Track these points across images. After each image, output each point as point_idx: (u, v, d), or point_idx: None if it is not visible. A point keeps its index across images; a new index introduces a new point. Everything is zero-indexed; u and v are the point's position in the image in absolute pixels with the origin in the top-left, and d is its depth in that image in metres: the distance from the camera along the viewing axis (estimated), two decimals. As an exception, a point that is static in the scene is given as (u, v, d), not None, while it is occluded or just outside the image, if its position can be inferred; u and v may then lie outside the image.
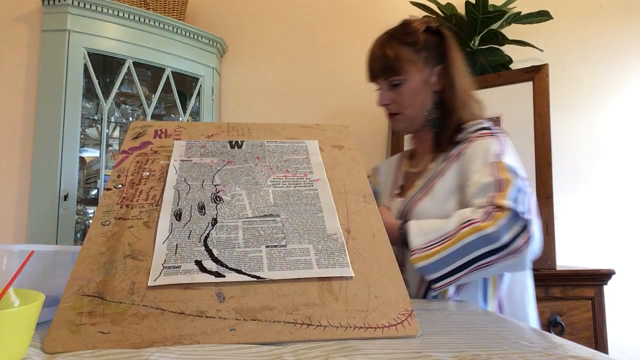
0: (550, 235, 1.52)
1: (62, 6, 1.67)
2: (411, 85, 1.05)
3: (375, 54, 1.07)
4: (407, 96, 1.05)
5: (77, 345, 0.45)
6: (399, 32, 1.08)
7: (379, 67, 1.06)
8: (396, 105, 1.07)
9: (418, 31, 1.07)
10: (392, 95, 1.06)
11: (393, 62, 1.04)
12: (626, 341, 1.78)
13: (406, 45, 1.05)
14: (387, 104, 1.07)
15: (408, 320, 0.52)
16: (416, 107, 1.07)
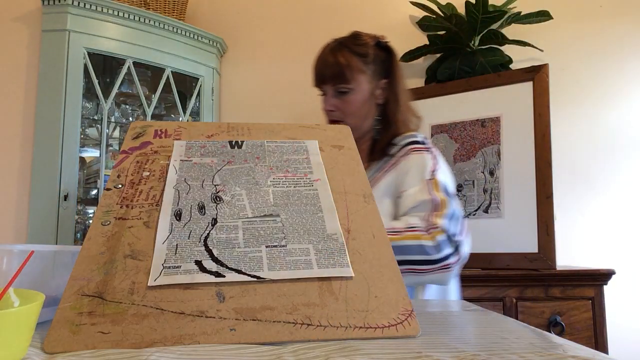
0: (550, 235, 1.52)
1: (62, 6, 1.67)
2: (358, 95, 1.08)
3: (327, 60, 1.09)
4: (352, 105, 1.08)
5: (77, 345, 0.45)
6: (351, 42, 1.11)
7: (330, 73, 1.08)
8: (340, 112, 1.09)
9: (369, 44, 1.11)
10: (337, 103, 1.09)
11: (344, 70, 1.07)
12: (626, 341, 1.78)
13: (357, 56, 1.09)
14: (331, 111, 1.10)
15: (408, 320, 0.52)
16: (359, 116, 1.10)
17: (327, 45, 1.13)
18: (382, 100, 1.12)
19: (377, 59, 1.11)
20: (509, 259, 1.56)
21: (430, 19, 1.94)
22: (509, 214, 1.62)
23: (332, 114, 1.10)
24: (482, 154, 1.73)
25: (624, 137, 1.94)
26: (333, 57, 1.09)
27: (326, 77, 1.09)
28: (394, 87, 1.12)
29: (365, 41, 1.11)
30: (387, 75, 1.12)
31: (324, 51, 1.12)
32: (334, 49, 1.10)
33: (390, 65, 1.13)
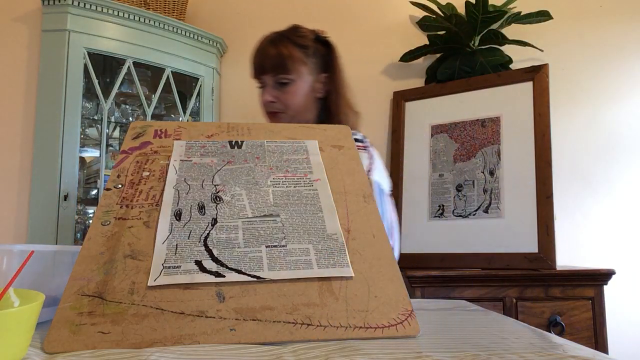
0: (550, 235, 1.52)
1: (62, 6, 1.67)
2: (298, 87, 1.09)
3: (267, 51, 1.08)
4: (293, 96, 1.08)
5: (77, 345, 0.45)
6: (291, 34, 1.11)
7: (271, 64, 1.07)
8: (281, 104, 1.09)
9: (308, 37, 1.12)
10: (278, 94, 1.08)
11: (286, 61, 1.07)
12: (626, 341, 1.78)
13: (298, 47, 1.09)
14: (271, 102, 1.09)
15: (408, 320, 0.52)
16: (299, 108, 1.10)
17: (266, 37, 1.12)
18: (322, 94, 1.13)
19: (317, 52, 1.12)
20: (509, 259, 1.56)
21: (430, 19, 1.94)
22: (509, 214, 1.62)
23: (273, 105, 1.09)
24: (482, 154, 1.73)
25: (624, 137, 1.94)
26: (274, 48, 1.08)
27: (267, 67, 1.08)
28: (334, 81, 1.13)
29: (305, 34, 1.12)
30: (326, 70, 1.13)
31: (263, 42, 1.11)
32: (274, 40, 1.09)
33: (330, 59, 1.14)
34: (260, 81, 1.11)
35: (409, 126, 1.90)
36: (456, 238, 1.67)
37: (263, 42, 1.11)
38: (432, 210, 1.76)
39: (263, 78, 1.10)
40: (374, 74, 2.03)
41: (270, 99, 1.09)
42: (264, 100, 1.09)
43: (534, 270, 1.50)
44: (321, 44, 1.14)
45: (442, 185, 1.77)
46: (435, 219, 1.74)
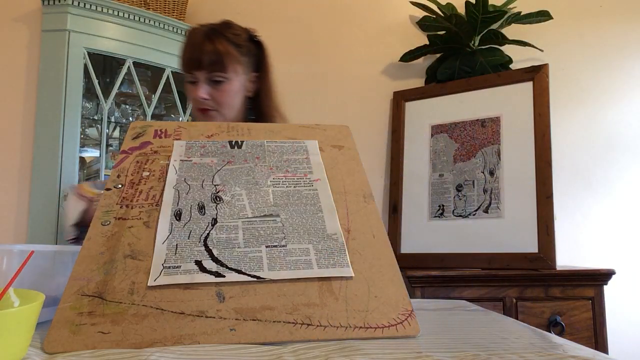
0: (550, 235, 1.52)
1: (62, 6, 1.67)
2: (232, 85, 1.08)
3: (204, 46, 1.05)
4: (227, 95, 1.07)
5: (77, 345, 0.45)
6: (226, 30, 1.09)
7: (208, 60, 1.04)
8: (214, 102, 1.07)
9: (242, 36, 1.11)
10: (211, 91, 1.06)
11: (223, 58, 1.05)
12: (626, 341, 1.78)
13: (234, 45, 1.08)
14: (206, 99, 1.06)
15: (408, 320, 0.52)
16: (232, 107, 1.09)
17: (198, 30, 1.09)
18: (252, 93, 1.13)
19: (250, 51, 1.11)
20: (509, 259, 1.56)
21: (430, 19, 1.94)
22: (509, 214, 1.62)
23: (206, 103, 1.07)
24: (482, 154, 1.73)
25: (624, 137, 1.94)
26: (211, 44, 1.05)
27: (203, 63, 1.05)
28: (265, 81, 1.14)
29: (239, 32, 1.11)
30: (257, 69, 1.13)
31: (196, 36, 1.07)
32: (209, 36, 1.07)
33: (261, 59, 1.14)
34: (191, 76, 1.07)
35: (409, 126, 1.90)
36: (456, 238, 1.67)
37: (196, 35, 1.08)
38: (432, 210, 1.76)
39: (196, 74, 1.06)
40: (374, 74, 2.03)
41: (204, 96, 1.06)
42: (198, 97, 1.06)
43: (534, 270, 1.50)
44: (253, 43, 1.13)
45: (442, 185, 1.77)
46: (435, 219, 1.74)
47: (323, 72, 2.04)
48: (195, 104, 1.08)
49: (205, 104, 1.07)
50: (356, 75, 2.04)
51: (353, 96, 2.02)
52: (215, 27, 1.10)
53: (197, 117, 1.11)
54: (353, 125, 0.89)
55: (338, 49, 2.05)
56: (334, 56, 2.05)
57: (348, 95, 2.02)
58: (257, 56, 1.14)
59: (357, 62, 2.04)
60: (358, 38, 2.05)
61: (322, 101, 2.03)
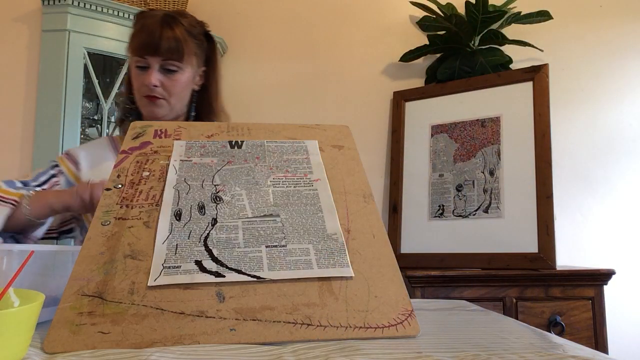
0: (550, 235, 1.52)
1: (62, 6, 1.67)
2: (184, 76, 1.05)
3: (163, 32, 1.01)
4: (178, 85, 1.05)
5: (77, 345, 0.45)
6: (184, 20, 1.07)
7: (166, 46, 1.01)
8: (164, 91, 1.04)
9: (198, 28, 1.10)
10: (163, 80, 1.03)
11: (182, 47, 1.03)
12: (626, 341, 1.78)
13: (191, 36, 1.06)
14: (157, 86, 1.03)
15: (408, 320, 0.52)
16: (181, 98, 1.07)
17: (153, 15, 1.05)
18: (198, 87, 1.12)
19: (202, 45, 1.10)
20: (509, 259, 1.56)
21: (430, 19, 1.94)
22: (509, 214, 1.62)
23: (156, 90, 1.03)
24: (482, 154, 1.73)
25: (624, 137, 1.94)
26: (170, 30, 1.02)
27: (160, 49, 1.01)
28: (213, 77, 1.13)
29: (195, 24, 1.09)
30: (206, 64, 1.12)
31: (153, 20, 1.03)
32: (168, 22, 1.03)
33: (211, 54, 1.13)
34: (143, 61, 1.03)
35: (409, 126, 1.90)
36: (456, 238, 1.67)
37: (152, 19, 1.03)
38: (432, 210, 1.76)
39: (149, 59, 1.02)
40: (374, 74, 2.03)
41: (156, 83, 1.02)
42: (149, 83, 1.01)
43: (534, 270, 1.50)
44: (206, 37, 1.12)
45: (442, 185, 1.77)
46: (435, 219, 1.74)
47: (323, 72, 2.04)
48: (143, 90, 1.04)
49: (155, 91, 1.03)
50: (356, 75, 2.04)
51: (353, 96, 2.02)
52: (173, 14, 1.07)
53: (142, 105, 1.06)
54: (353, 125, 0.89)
55: (338, 49, 2.05)
56: (334, 56, 2.05)
57: (348, 95, 2.02)
58: (208, 51, 1.13)
59: (357, 62, 2.04)
60: (358, 38, 2.06)
61: (322, 101, 2.03)
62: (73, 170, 1.10)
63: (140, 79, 1.03)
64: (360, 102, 2.02)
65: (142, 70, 1.03)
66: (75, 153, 1.12)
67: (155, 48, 1.01)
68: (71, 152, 1.13)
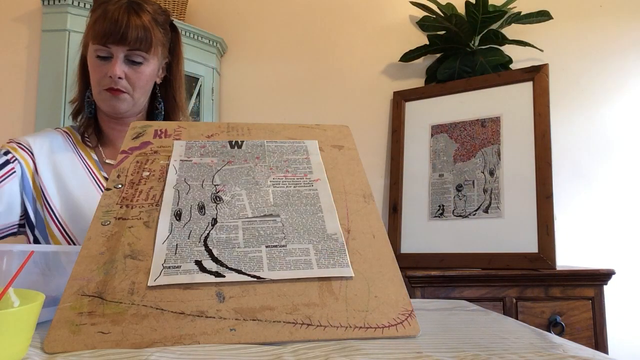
0: (550, 235, 1.52)
1: (62, 6, 1.67)
2: (149, 68, 0.98)
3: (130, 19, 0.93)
4: (143, 77, 0.97)
5: (77, 345, 0.45)
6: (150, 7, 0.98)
7: (134, 36, 0.92)
8: (128, 83, 0.96)
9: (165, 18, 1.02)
10: (127, 71, 0.95)
11: (150, 37, 0.95)
12: (626, 341, 1.78)
13: (159, 27, 0.99)
14: (121, 78, 0.95)
15: (408, 320, 0.52)
16: (145, 92, 1.00)
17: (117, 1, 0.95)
18: (160, 80, 1.05)
19: (167, 35, 1.03)
20: (509, 259, 1.56)
21: (430, 19, 1.94)
22: (509, 214, 1.62)
23: (120, 83, 0.95)
24: (482, 154, 1.73)
25: (624, 137, 1.94)
26: (138, 18, 0.93)
27: (128, 38, 0.92)
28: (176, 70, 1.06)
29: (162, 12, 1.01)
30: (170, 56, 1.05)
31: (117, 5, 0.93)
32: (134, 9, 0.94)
33: (175, 46, 1.06)
34: (105, 50, 0.93)
35: (409, 126, 1.90)
36: (456, 238, 1.67)
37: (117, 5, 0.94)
38: (432, 210, 1.76)
39: (113, 48, 0.93)
40: (374, 74, 2.03)
41: (120, 75, 0.94)
42: (113, 74, 0.93)
43: (534, 270, 1.50)
44: (171, 28, 1.05)
45: (442, 185, 1.77)
46: (435, 219, 1.74)
47: (323, 72, 2.04)
48: (105, 83, 0.95)
49: (119, 83, 0.95)
50: (356, 75, 2.04)
51: (353, 96, 2.02)
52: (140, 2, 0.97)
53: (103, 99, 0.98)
54: (353, 125, 0.89)
55: (338, 49, 2.05)
56: (334, 56, 2.05)
57: (348, 95, 2.02)
58: (172, 42, 1.05)
59: (357, 62, 2.04)
60: (358, 38, 2.06)
61: (322, 101, 2.03)
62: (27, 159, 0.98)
63: (101, 69, 0.95)
64: (360, 102, 2.02)
65: (103, 61, 0.94)
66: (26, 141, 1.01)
67: (122, 36, 0.92)
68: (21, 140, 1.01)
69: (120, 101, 0.97)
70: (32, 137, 1.03)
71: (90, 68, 0.98)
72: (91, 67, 0.97)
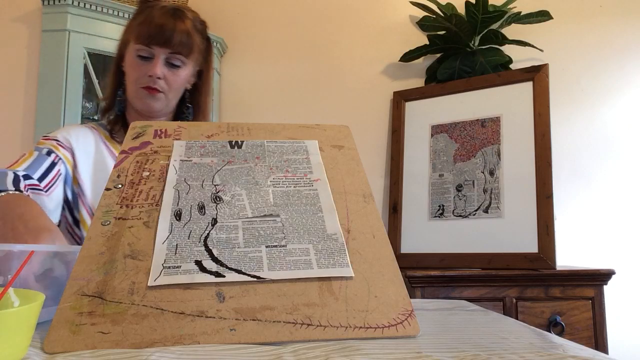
0: (550, 235, 1.52)
1: (62, 6, 1.67)
2: (186, 72, 1.03)
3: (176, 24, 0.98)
4: (179, 81, 1.02)
5: (77, 345, 0.45)
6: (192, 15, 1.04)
7: (178, 39, 0.98)
8: (166, 84, 1.01)
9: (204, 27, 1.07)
10: (166, 73, 1.00)
11: (191, 43, 1.01)
12: (626, 341, 1.78)
13: (199, 34, 1.04)
14: (160, 78, 0.99)
15: (408, 320, 0.52)
16: (177, 94, 1.05)
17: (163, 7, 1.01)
18: (190, 86, 1.09)
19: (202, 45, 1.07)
20: (509, 259, 1.56)
21: (430, 19, 1.94)
22: (509, 214, 1.62)
23: (158, 83, 0.99)
24: (482, 154, 1.73)
25: (624, 137, 1.94)
26: (183, 24, 0.99)
27: (173, 42, 0.97)
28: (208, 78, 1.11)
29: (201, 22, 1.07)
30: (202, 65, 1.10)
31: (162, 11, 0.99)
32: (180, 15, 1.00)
33: (208, 55, 1.11)
34: (148, 50, 0.98)
35: (409, 126, 1.90)
36: (456, 238, 1.67)
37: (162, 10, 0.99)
38: (432, 210, 1.76)
39: (157, 50, 0.98)
40: (374, 74, 2.03)
41: (160, 76, 0.99)
42: (154, 73, 0.98)
43: (534, 270, 1.50)
44: (206, 39, 1.10)
45: (442, 185, 1.77)
46: (435, 219, 1.74)
47: (323, 72, 2.04)
48: (144, 81, 0.99)
49: (157, 83, 0.99)
50: (356, 75, 2.04)
51: (353, 96, 2.02)
52: (182, 8, 1.03)
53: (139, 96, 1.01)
54: (353, 125, 0.89)
55: (338, 49, 2.05)
56: (334, 56, 2.05)
57: (348, 95, 2.02)
58: (206, 52, 1.10)
59: (357, 62, 2.04)
60: (358, 38, 2.06)
61: (322, 101, 2.03)
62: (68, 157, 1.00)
63: (141, 68, 0.99)
64: (360, 102, 2.02)
65: (144, 60, 0.99)
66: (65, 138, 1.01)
67: (167, 39, 0.97)
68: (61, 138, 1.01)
69: (156, 100, 1.01)
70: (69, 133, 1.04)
71: (128, 66, 1.02)
72: (130, 65, 1.01)
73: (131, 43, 1.00)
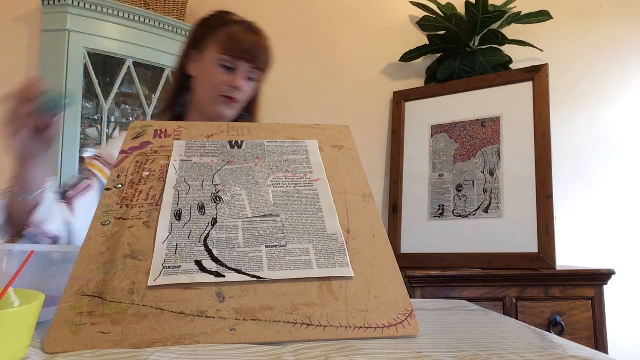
0: (550, 235, 1.52)
1: (62, 6, 1.67)
2: (258, 85, 1.10)
3: (260, 41, 1.07)
4: (250, 92, 1.08)
5: (77, 345, 0.45)
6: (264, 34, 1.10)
7: (263, 57, 1.06)
8: (242, 95, 1.06)
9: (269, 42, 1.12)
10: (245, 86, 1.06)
11: (269, 60, 1.07)
12: (626, 341, 1.78)
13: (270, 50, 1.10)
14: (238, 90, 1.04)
15: (408, 320, 0.52)
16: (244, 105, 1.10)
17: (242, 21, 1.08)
18: None
19: None
20: (509, 259, 1.56)
21: (430, 19, 1.94)
22: (509, 214, 1.62)
23: (236, 93, 1.04)
24: (482, 154, 1.73)
25: (624, 137, 1.94)
26: (265, 42, 1.07)
27: (258, 58, 1.05)
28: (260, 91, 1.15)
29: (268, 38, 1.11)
30: None
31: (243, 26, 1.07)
32: (260, 33, 1.08)
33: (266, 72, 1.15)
34: (232, 62, 1.03)
35: (409, 126, 1.90)
36: (456, 238, 1.67)
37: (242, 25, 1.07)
38: (432, 210, 1.76)
39: (241, 63, 1.04)
40: (374, 74, 2.03)
41: (243, 87, 1.04)
42: (237, 85, 1.03)
43: (534, 270, 1.50)
44: None
45: (442, 185, 1.77)
46: (435, 219, 1.74)
47: (323, 72, 2.04)
48: (224, 90, 1.04)
49: (234, 93, 1.04)
50: (356, 75, 2.04)
51: (353, 96, 2.02)
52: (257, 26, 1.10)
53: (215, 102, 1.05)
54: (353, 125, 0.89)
55: (338, 49, 2.05)
56: (333, 56, 2.05)
57: (348, 95, 2.02)
58: None
59: (357, 62, 2.04)
60: (358, 38, 2.05)
61: (322, 101, 2.03)
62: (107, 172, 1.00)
63: (222, 77, 1.03)
64: (360, 102, 2.02)
65: (226, 70, 1.04)
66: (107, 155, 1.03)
67: (254, 56, 1.04)
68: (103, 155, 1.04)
69: (231, 109, 1.06)
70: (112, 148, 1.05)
71: (206, 73, 1.06)
72: (209, 73, 1.05)
73: (211, 51, 1.04)
